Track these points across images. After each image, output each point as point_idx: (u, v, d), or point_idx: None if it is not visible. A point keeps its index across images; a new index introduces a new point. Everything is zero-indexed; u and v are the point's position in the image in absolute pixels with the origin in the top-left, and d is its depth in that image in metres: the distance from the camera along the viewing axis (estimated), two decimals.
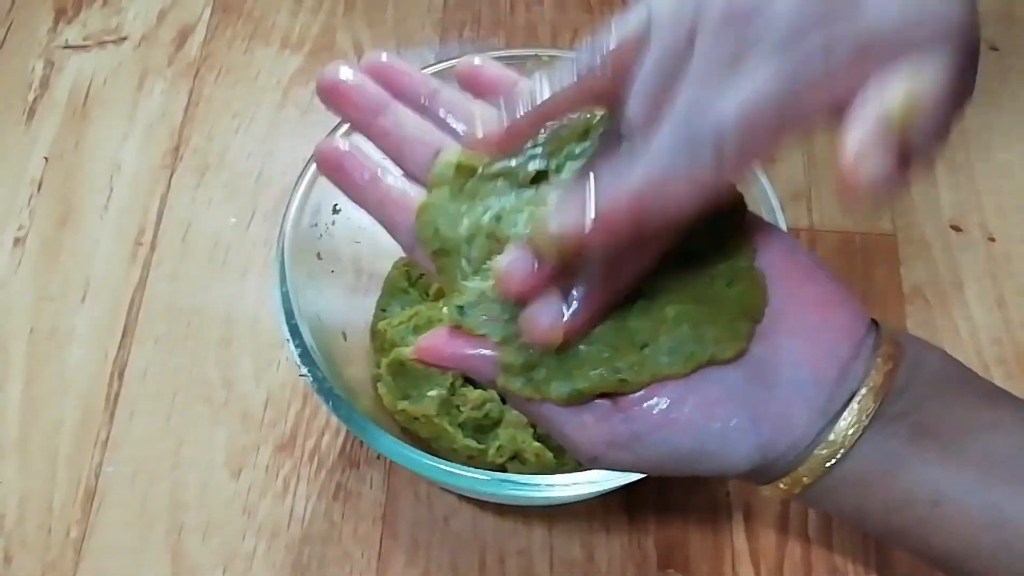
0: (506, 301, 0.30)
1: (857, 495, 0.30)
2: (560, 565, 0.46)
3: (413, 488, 0.48)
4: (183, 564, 0.46)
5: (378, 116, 0.34)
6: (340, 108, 0.34)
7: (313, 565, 0.46)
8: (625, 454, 0.30)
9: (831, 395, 0.30)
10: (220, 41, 0.61)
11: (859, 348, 0.30)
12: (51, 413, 0.50)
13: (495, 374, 0.30)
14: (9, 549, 0.46)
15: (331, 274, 0.46)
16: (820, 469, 0.30)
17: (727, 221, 0.32)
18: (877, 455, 0.30)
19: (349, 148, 0.34)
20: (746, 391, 0.30)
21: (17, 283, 0.53)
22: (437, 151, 0.34)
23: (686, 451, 0.30)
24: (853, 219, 0.55)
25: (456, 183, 0.32)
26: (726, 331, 0.30)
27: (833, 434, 0.29)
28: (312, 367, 0.40)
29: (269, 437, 0.49)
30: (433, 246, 0.32)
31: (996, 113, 0.58)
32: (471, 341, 0.30)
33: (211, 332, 0.52)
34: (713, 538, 0.47)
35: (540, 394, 0.30)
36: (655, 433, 0.30)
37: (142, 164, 0.57)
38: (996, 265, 0.54)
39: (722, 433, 0.29)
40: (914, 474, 0.29)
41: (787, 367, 0.30)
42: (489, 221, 0.31)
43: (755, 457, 0.30)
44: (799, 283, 0.31)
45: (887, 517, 0.30)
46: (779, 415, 0.30)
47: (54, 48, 0.61)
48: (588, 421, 0.30)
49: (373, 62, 0.35)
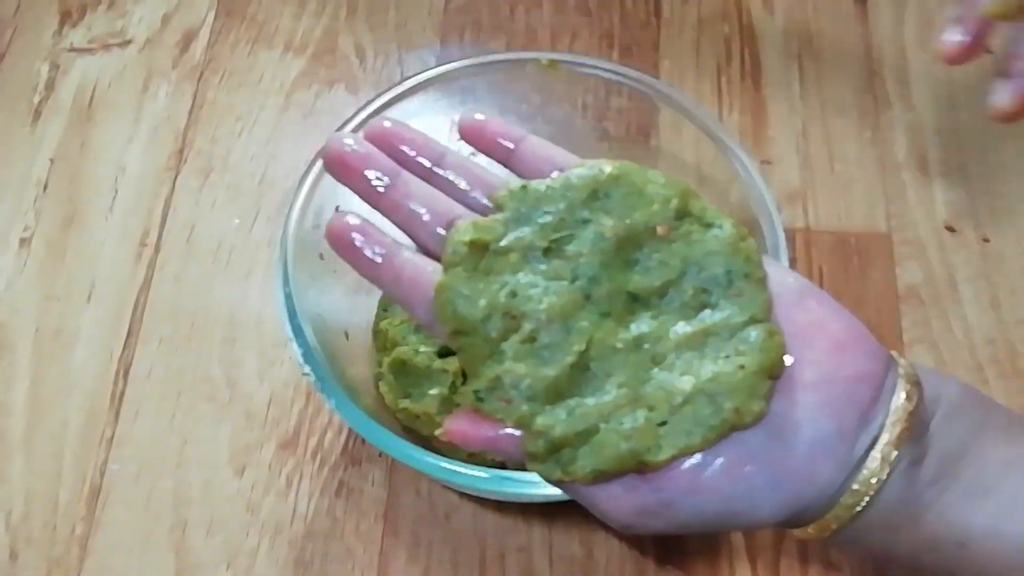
0: (519, 384, 0.30)
1: (884, 538, 0.31)
2: (560, 562, 0.47)
3: (414, 485, 0.48)
4: (187, 561, 0.47)
5: (388, 189, 0.34)
6: (349, 181, 0.34)
7: (315, 562, 0.47)
8: (656, 521, 0.31)
9: (853, 444, 0.30)
10: (224, 44, 0.62)
11: (879, 391, 0.31)
12: (56, 412, 0.50)
13: (524, 457, 0.31)
14: (15, 546, 0.47)
15: (333, 274, 0.47)
16: (846, 516, 0.30)
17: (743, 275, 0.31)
18: (901, 499, 0.30)
19: (361, 224, 0.33)
20: (768, 450, 0.30)
21: (23, 284, 0.54)
22: (449, 222, 0.33)
23: (714, 513, 0.30)
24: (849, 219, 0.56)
25: (471, 261, 0.32)
26: (744, 398, 0.30)
27: (857, 483, 0.30)
28: (315, 366, 0.41)
29: (272, 435, 0.50)
30: (451, 327, 0.31)
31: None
32: (494, 424, 0.31)
33: (215, 332, 0.52)
34: (710, 536, 0.47)
35: (568, 476, 0.30)
36: (683, 499, 0.30)
37: (147, 166, 0.57)
38: (990, 265, 0.54)
39: (748, 493, 0.30)
40: (941, 516, 0.30)
41: (806, 421, 0.30)
42: (505, 300, 0.31)
43: (781, 513, 0.31)
44: (815, 331, 0.31)
45: (916, 558, 0.31)
46: (802, 470, 0.30)
47: (59, 51, 0.61)
48: (617, 493, 0.31)
49: (376, 129, 0.34)
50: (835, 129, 0.59)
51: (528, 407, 0.30)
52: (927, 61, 0.61)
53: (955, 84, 0.60)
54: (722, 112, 0.59)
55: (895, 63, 0.61)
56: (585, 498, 0.31)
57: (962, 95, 0.60)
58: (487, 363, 0.31)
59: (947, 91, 0.60)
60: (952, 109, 0.59)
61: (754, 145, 0.58)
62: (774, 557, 0.47)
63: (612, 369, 0.31)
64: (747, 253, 0.32)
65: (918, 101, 0.60)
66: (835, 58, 0.61)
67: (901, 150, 0.58)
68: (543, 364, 0.31)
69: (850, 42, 0.62)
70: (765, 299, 0.31)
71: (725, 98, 0.59)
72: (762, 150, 0.58)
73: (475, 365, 0.31)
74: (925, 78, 0.60)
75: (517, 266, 0.32)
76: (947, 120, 0.59)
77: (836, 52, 0.61)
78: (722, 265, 0.31)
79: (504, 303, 0.31)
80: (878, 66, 0.61)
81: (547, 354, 0.31)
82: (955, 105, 0.59)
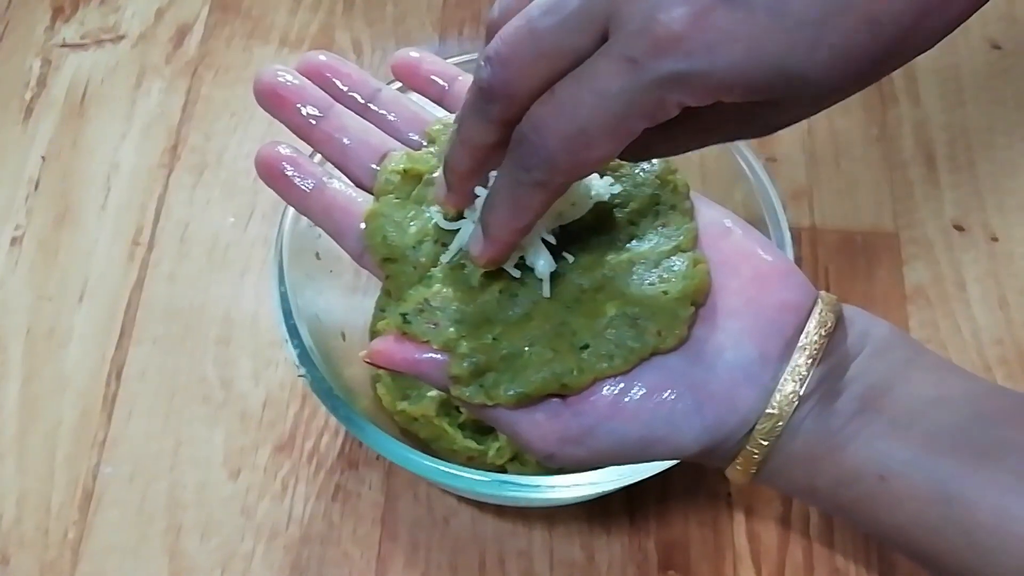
0: (447, 308, 0.31)
1: (808, 472, 0.31)
2: (560, 566, 0.46)
3: (412, 489, 0.48)
4: (181, 565, 0.46)
5: (320, 121, 0.34)
6: (280, 113, 0.34)
7: (312, 566, 0.46)
8: (578, 449, 0.31)
9: (775, 371, 0.30)
10: (218, 40, 0.61)
11: (803, 322, 0.31)
12: (49, 413, 0.49)
13: (445, 382, 0.31)
14: (7, 550, 0.46)
15: (330, 274, 0.46)
16: (766, 443, 0.30)
17: (670, 205, 0.32)
18: (824, 430, 0.30)
19: (292, 154, 0.34)
20: (689, 375, 0.30)
21: (14, 283, 0.53)
22: (382, 155, 0.34)
23: (636, 439, 0.30)
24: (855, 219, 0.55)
25: (403, 190, 0.33)
26: (666, 322, 0.30)
27: (771, 406, 0.30)
28: (311, 367, 0.40)
29: (268, 437, 0.49)
30: (381, 253, 0.32)
31: (999, 112, 0.58)
32: (419, 347, 0.31)
33: (209, 332, 0.52)
34: (714, 539, 0.47)
35: (491, 399, 0.30)
36: (604, 425, 0.30)
37: (140, 163, 0.57)
38: (999, 265, 0.54)
39: (669, 418, 0.30)
40: (862, 450, 0.30)
41: (729, 347, 0.30)
42: (436, 226, 0.32)
43: (704, 438, 0.30)
44: (740, 261, 0.32)
45: (836, 492, 0.31)
46: (724, 394, 0.30)
47: (51, 47, 0.60)
48: (540, 419, 0.30)
49: (311, 62, 0.35)
50: (841, 126, 0.58)
51: (455, 330, 0.31)
52: (934, 57, 0.60)
53: (963, 80, 0.59)
54: None
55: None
56: (508, 426, 0.31)
57: (970, 92, 0.59)
58: (416, 287, 0.32)
59: (955, 88, 0.59)
60: (960, 106, 0.59)
61: (759, 142, 0.57)
62: (779, 561, 0.46)
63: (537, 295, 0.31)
64: (674, 184, 0.33)
65: (925, 98, 0.59)
66: None
67: (908, 148, 0.57)
68: (471, 290, 0.31)
69: None
70: (691, 228, 0.32)
71: None
72: (767, 147, 0.57)
73: (403, 291, 0.32)
74: (932, 74, 0.60)
75: None
76: (955, 117, 0.58)
77: None
78: (650, 197, 0.33)
79: (435, 230, 0.32)
80: None
81: (475, 281, 0.31)
82: (963, 102, 0.59)
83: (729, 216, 0.33)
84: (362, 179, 0.34)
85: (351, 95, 0.35)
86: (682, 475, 0.48)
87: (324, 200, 0.33)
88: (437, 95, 0.36)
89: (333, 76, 0.35)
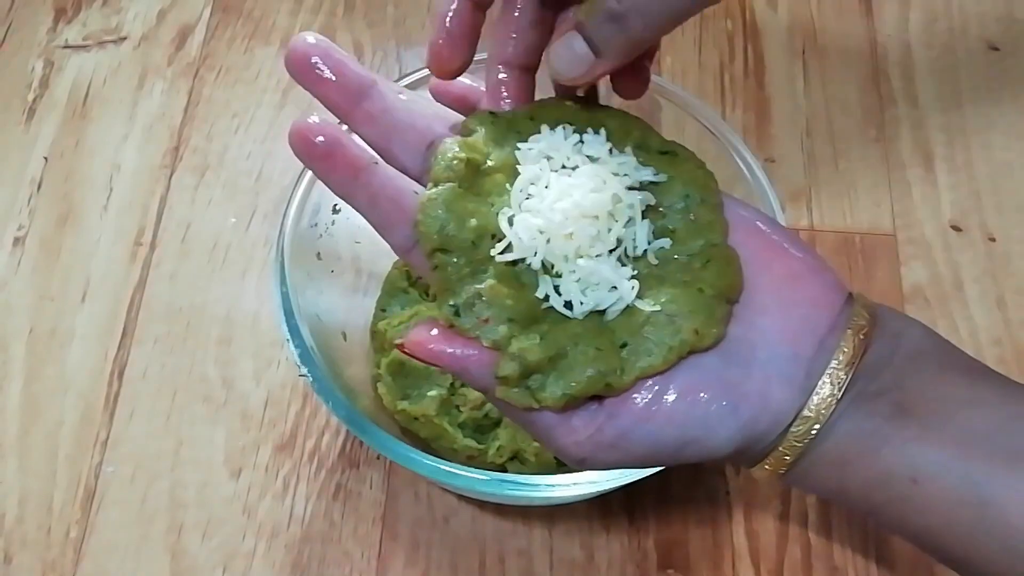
0: (500, 304, 0.29)
1: (838, 474, 0.30)
2: (560, 565, 0.46)
3: (413, 488, 0.48)
4: (182, 564, 0.46)
5: (362, 100, 0.31)
6: (318, 88, 0.30)
7: (313, 565, 0.46)
8: (612, 453, 0.30)
9: (809, 370, 0.30)
10: (220, 41, 0.61)
11: (836, 320, 0.30)
12: (51, 413, 0.50)
13: (488, 382, 0.30)
14: (9, 549, 0.46)
15: (331, 274, 0.46)
16: (800, 445, 0.30)
17: (700, 201, 0.32)
18: (857, 432, 0.29)
19: (337, 135, 0.30)
20: (724, 375, 0.30)
21: (17, 283, 0.53)
22: (431, 141, 0.31)
23: (671, 441, 0.30)
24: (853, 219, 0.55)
25: (465, 180, 0.31)
26: (703, 319, 0.30)
27: (808, 409, 0.29)
28: (312, 367, 0.40)
29: (269, 437, 0.49)
30: (435, 244, 0.30)
31: (996, 112, 0.58)
32: (468, 343, 0.29)
33: (211, 332, 0.52)
34: (713, 538, 0.47)
35: (538, 401, 0.29)
36: (640, 427, 0.29)
37: (142, 164, 0.57)
38: (996, 265, 0.54)
39: (704, 419, 0.29)
40: (894, 452, 0.29)
41: (762, 346, 0.30)
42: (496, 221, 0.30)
43: (737, 439, 0.30)
44: (771, 258, 0.31)
45: (868, 494, 0.30)
46: (758, 394, 0.30)
47: (54, 48, 0.61)
48: (577, 425, 0.30)
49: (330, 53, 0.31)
50: (839, 127, 0.58)
51: (507, 328, 0.29)
52: (932, 58, 0.60)
53: (961, 82, 0.59)
54: (725, 110, 0.58)
55: (900, 60, 0.60)
56: (544, 430, 0.30)
57: (968, 93, 0.59)
58: (468, 280, 0.30)
59: (952, 89, 0.59)
60: (957, 107, 0.59)
61: (757, 143, 0.57)
62: (777, 559, 0.46)
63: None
64: (703, 180, 0.32)
65: (923, 99, 0.59)
66: (839, 55, 0.60)
67: (906, 148, 0.58)
68: (522, 287, 0.30)
69: (854, 39, 0.61)
70: (722, 224, 0.31)
71: (728, 95, 0.59)
72: (765, 148, 0.57)
73: (453, 284, 0.30)
74: (930, 75, 0.60)
75: (503, 188, 0.31)
76: (952, 118, 0.58)
77: (840, 49, 0.61)
78: (680, 192, 0.32)
79: (496, 225, 0.30)
80: (883, 63, 0.60)
81: (526, 278, 0.30)
82: (960, 103, 0.59)
83: (759, 214, 0.33)
84: (410, 167, 0.31)
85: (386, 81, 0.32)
86: (681, 474, 0.48)
87: (372, 188, 0.30)
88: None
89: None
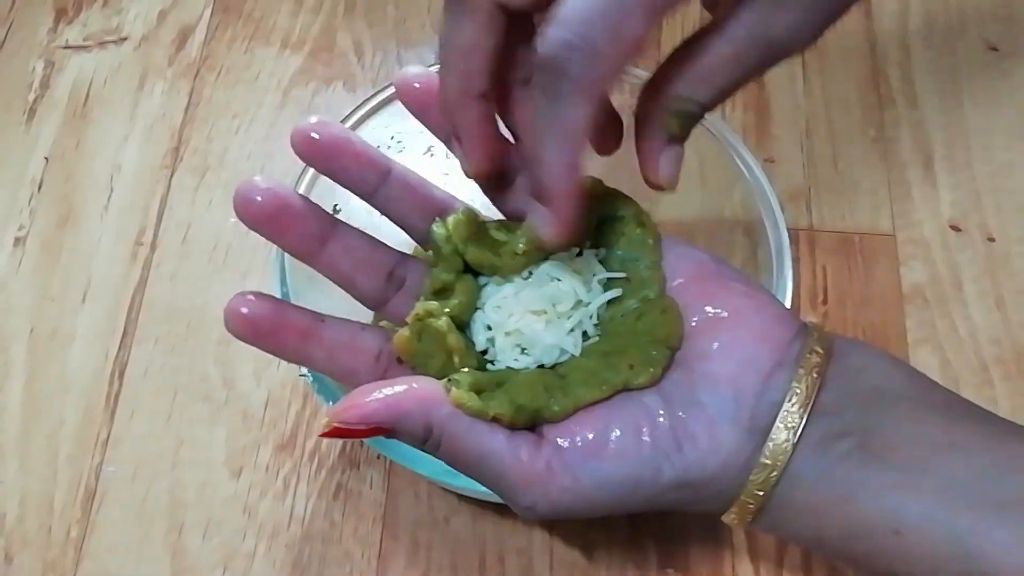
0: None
1: (815, 522, 0.29)
2: (560, 566, 0.46)
3: (413, 488, 0.48)
4: (183, 563, 0.46)
5: (326, 244, 0.32)
6: (282, 240, 0.32)
7: (313, 565, 0.46)
8: (563, 496, 0.29)
9: (754, 410, 0.29)
10: (220, 41, 0.61)
11: (783, 356, 0.30)
12: (52, 413, 0.50)
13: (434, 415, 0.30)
14: (10, 548, 0.46)
15: None
16: (761, 493, 0.29)
17: (635, 260, 0.33)
18: (828, 480, 0.29)
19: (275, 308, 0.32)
20: (668, 413, 0.30)
21: (18, 283, 0.53)
22: (389, 271, 0.33)
23: (619, 480, 0.29)
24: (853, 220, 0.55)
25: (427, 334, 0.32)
26: (638, 356, 0.31)
27: (764, 456, 0.29)
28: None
29: (269, 437, 0.49)
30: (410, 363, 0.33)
31: (996, 112, 0.59)
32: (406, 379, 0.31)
33: (211, 332, 0.52)
34: (713, 537, 0.47)
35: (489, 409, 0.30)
36: (587, 464, 0.29)
37: (142, 164, 0.57)
38: (996, 265, 0.54)
39: (652, 458, 0.29)
40: (873, 502, 0.28)
41: (704, 388, 0.30)
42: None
43: (683, 480, 0.29)
44: (714, 299, 0.31)
45: (847, 545, 0.29)
46: (703, 435, 0.29)
47: (54, 48, 0.61)
48: (523, 457, 0.29)
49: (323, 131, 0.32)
50: (839, 127, 0.58)
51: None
52: (932, 58, 0.60)
53: (960, 82, 0.60)
54: (724, 109, 0.58)
55: (900, 60, 0.60)
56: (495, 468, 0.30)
57: (967, 93, 0.59)
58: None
59: (952, 89, 0.59)
60: (957, 107, 0.59)
61: (757, 143, 0.57)
62: (777, 559, 0.47)
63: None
64: (640, 240, 0.33)
65: (923, 99, 0.59)
66: (839, 55, 0.60)
67: (906, 148, 0.58)
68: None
69: (854, 39, 0.61)
70: (658, 278, 0.33)
71: None
72: (765, 148, 0.57)
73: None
74: (930, 76, 0.60)
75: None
76: (952, 118, 0.58)
77: (840, 49, 0.61)
78: (618, 258, 0.34)
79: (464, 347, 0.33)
80: (882, 63, 0.60)
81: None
82: (960, 103, 0.59)
83: (703, 254, 0.33)
84: (371, 298, 0.34)
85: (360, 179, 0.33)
86: None
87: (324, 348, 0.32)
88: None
89: (343, 154, 0.32)
